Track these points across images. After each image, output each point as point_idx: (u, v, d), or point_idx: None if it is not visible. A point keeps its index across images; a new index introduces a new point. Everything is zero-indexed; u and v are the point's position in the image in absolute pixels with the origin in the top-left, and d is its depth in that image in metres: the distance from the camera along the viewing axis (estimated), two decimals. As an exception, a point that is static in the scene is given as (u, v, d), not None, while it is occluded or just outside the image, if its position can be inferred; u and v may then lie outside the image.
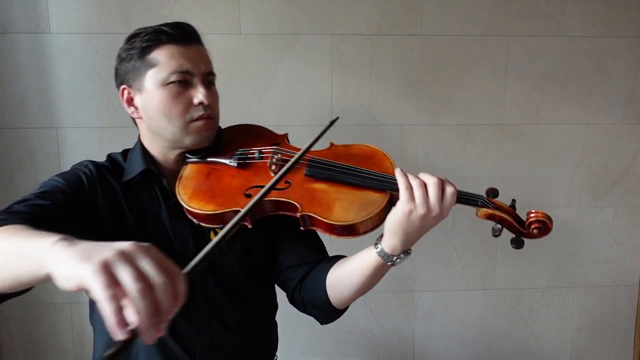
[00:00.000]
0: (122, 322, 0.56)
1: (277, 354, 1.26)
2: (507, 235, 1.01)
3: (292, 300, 1.17)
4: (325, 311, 1.11)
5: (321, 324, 1.19)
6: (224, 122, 1.14)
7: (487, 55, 2.01)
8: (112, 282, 0.56)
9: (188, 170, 1.07)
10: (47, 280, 0.66)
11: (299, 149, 1.06)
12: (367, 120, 1.99)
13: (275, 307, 1.25)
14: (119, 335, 0.55)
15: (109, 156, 1.14)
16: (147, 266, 0.58)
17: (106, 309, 0.55)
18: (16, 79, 1.85)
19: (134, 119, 1.11)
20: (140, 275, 0.57)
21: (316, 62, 1.96)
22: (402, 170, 0.95)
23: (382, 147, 1.08)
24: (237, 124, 1.19)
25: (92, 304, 1.11)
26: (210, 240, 1.07)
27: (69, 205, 0.97)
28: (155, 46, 1.02)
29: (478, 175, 2.06)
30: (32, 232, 0.74)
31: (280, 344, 1.28)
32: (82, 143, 1.91)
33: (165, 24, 1.04)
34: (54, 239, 0.65)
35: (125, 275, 0.56)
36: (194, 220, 1.03)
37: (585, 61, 2.05)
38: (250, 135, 1.15)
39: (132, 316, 0.55)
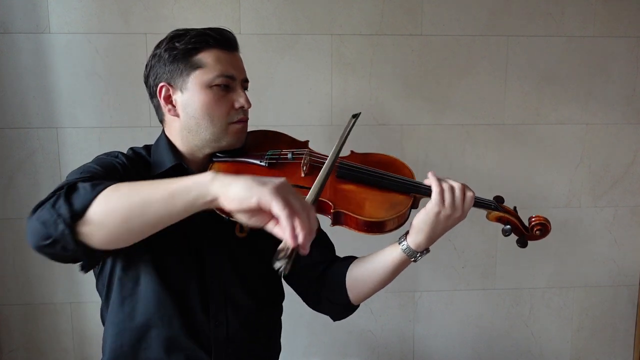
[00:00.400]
0: (295, 234, 0.75)
1: (277, 354, 1.28)
2: (512, 236, 1.14)
3: (307, 298, 1.23)
4: (342, 307, 1.18)
5: (334, 320, 1.24)
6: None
7: (487, 55, 2.01)
8: (289, 203, 0.75)
9: (216, 168, 1.10)
10: (199, 209, 0.81)
11: (322, 154, 1.15)
12: (367, 120, 1.99)
13: (281, 311, 1.28)
14: (293, 243, 0.75)
15: (133, 150, 1.16)
16: (300, 197, 0.79)
17: (286, 222, 0.75)
18: (16, 79, 1.85)
19: (160, 117, 1.14)
20: (303, 202, 0.78)
21: (316, 62, 1.96)
22: (434, 174, 1.05)
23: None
24: (257, 129, 1.24)
25: (107, 300, 1.13)
26: (233, 236, 1.13)
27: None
28: (202, 49, 1.07)
29: (478, 175, 2.06)
30: (160, 179, 0.85)
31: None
32: (82, 143, 1.91)
33: (210, 29, 1.09)
34: (207, 173, 0.81)
35: (295, 201, 0.77)
36: (223, 216, 1.05)
37: (585, 61, 2.05)
38: (275, 140, 1.22)
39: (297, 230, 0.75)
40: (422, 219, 1.03)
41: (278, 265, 0.75)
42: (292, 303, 1.27)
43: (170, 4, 1.87)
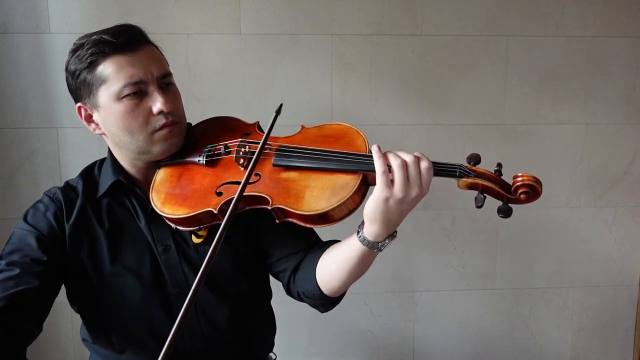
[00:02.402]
0: None
1: (276, 353, 1.26)
2: (504, 221, 0.98)
3: (289, 291, 1.14)
4: (320, 301, 1.07)
5: (321, 312, 1.15)
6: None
7: (487, 55, 2.01)
8: None
9: (161, 174, 1.05)
10: None
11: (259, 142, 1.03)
12: (367, 120, 1.99)
13: (268, 297, 1.23)
14: None
15: (83, 173, 1.12)
16: None
17: None
18: (16, 79, 1.85)
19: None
20: None
21: (316, 62, 1.96)
22: (379, 149, 0.89)
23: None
24: (209, 117, 1.17)
25: (84, 325, 1.13)
26: (192, 244, 1.07)
27: (43, 252, 1.00)
28: (100, 59, 0.97)
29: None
30: None
31: (280, 344, 1.28)
32: (82, 143, 1.91)
33: (107, 31, 0.98)
34: None
35: None
36: (172, 225, 1.02)
37: (585, 61, 2.05)
38: (220, 128, 1.12)
39: None
40: (371, 208, 0.88)
41: None
42: (292, 303, 1.26)
43: (170, 4, 1.87)
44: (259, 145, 0.95)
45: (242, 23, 1.91)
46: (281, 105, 1.11)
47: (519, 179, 0.91)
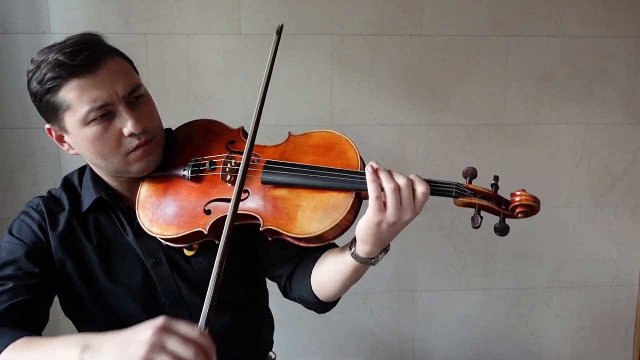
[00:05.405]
0: None
1: (276, 352, 1.26)
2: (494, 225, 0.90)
3: (285, 295, 1.14)
4: (317, 305, 1.07)
5: (318, 313, 1.15)
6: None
7: (487, 55, 2.01)
8: None
9: (145, 188, 1.01)
10: None
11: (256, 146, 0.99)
12: (367, 120, 1.99)
13: (265, 298, 1.23)
14: None
15: (64, 184, 1.08)
16: (178, 347, 0.68)
17: None
18: (16, 79, 1.85)
19: None
20: (186, 349, 0.68)
21: (316, 62, 1.95)
22: (373, 169, 0.86)
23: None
24: (191, 120, 1.12)
25: None
26: (183, 256, 1.04)
27: (34, 264, 0.98)
28: (61, 83, 0.90)
29: (477, 175, 2.06)
30: (42, 350, 0.80)
31: (280, 344, 1.29)
32: (82, 143, 1.91)
33: (63, 50, 0.92)
34: (75, 351, 0.73)
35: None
36: (162, 241, 0.99)
37: (585, 61, 2.05)
38: (203, 134, 1.08)
39: None
40: (362, 230, 0.86)
41: None
42: (292, 302, 1.26)
43: (170, 4, 1.87)
44: (242, 165, 0.89)
45: (242, 23, 1.91)
46: (282, 26, 1.05)
47: (517, 198, 0.87)
